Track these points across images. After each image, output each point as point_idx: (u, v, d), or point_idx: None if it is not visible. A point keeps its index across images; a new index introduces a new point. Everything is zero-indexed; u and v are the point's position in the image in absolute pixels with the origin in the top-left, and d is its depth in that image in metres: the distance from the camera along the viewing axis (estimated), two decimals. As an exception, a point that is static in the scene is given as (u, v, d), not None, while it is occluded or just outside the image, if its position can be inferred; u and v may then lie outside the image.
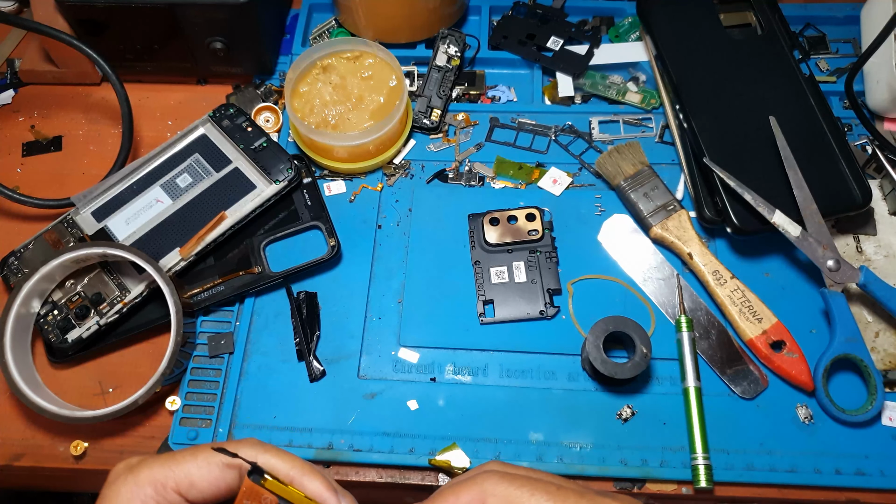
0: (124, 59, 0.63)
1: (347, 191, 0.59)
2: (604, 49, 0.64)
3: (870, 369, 0.48)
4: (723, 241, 0.55)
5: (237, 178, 0.56)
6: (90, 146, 0.63)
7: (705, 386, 0.49)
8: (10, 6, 0.70)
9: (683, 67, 0.58)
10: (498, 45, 0.65)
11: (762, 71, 0.57)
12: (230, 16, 0.58)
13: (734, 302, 0.51)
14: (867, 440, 0.48)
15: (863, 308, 0.52)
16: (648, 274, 0.54)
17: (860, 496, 0.46)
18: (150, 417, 0.51)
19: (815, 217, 0.50)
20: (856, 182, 0.53)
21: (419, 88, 0.62)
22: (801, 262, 0.54)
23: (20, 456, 0.50)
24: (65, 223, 0.55)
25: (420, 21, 0.63)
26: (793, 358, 0.49)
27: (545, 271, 0.53)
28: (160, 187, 0.56)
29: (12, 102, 0.66)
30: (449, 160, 0.60)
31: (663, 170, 0.58)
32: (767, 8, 0.60)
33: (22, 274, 0.54)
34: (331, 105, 0.59)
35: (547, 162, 0.59)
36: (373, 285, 0.54)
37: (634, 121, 0.61)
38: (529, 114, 0.62)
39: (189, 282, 0.54)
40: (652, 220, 0.54)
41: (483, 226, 0.55)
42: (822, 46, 0.65)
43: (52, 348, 0.52)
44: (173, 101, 0.65)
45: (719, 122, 0.55)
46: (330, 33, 0.67)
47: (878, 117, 0.60)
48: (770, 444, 0.48)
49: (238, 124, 0.58)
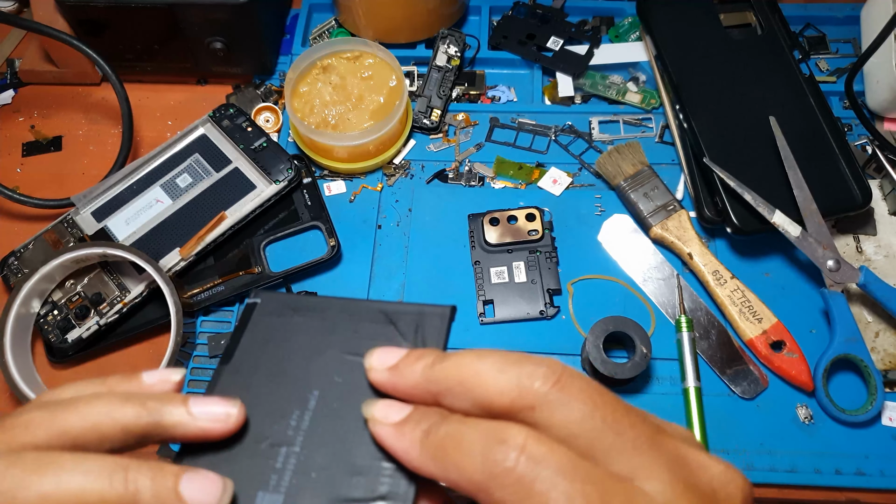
0: (124, 59, 0.63)
1: (347, 191, 0.59)
2: (604, 49, 0.64)
3: (870, 369, 0.48)
4: (723, 241, 0.55)
5: (237, 178, 0.56)
6: (90, 146, 0.63)
7: (705, 386, 0.49)
8: (10, 6, 0.69)
9: (683, 67, 0.58)
10: (498, 45, 0.65)
11: (762, 71, 0.57)
12: (230, 16, 0.58)
13: (734, 302, 0.51)
14: (867, 440, 0.48)
15: (863, 308, 0.52)
16: (648, 274, 0.54)
17: (860, 496, 0.46)
18: (150, 417, 0.51)
19: (815, 217, 0.50)
20: (856, 182, 0.53)
21: (419, 88, 0.62)
22: (801, 262, 0.54)
23: (20, 456, 0.50)
24: (65, 223, 0.55)
25: (420, 21, 0.63)
26: (793, 358, 0.49)
27: (545, 271, 0.53)
28: (160, 187, 0.56)
29: (12, 102, 0.66)
30: (449, 160, 0.60)
31: (663, 170, 0.58)
32: (767, 8, 0.60)
33: (22, 274, 0.54)
34: (331, 105, 0.59)
35: (547, 162, 0.59)
36: (373, 285, 0.54)
37: (634, 121, 0.61)
38: (529, 114, 0.62)
39: (189, 282, 0.54)
40: (652, 220, 0.54)
41: (483, 226, 0.55)
42: (822, 46, 0.65)
43: (52, 348, 0.52)
44: (173, 101, 0.65)
45: (719, 122, 0.55)
46: (330, 33, 0.67)
47: (878, 117, 0.60)
48: (770, 444, 0.48)
49: (238, 124, 0.58)
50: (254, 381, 0.26)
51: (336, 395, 0.25)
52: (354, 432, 0.24)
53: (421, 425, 0.22)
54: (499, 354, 0.22)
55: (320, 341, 0.27)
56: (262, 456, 0.24)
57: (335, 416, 0.25)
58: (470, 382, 0.22)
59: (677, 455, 0.21)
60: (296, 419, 0.25)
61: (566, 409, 0.21)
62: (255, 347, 0.27)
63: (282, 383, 0.26)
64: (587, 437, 0.21)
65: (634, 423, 0.21)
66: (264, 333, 0.28)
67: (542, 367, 0.21)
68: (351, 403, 0.25)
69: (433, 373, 0.23)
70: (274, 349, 0.27)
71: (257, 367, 0.27)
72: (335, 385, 0.26)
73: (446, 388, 0.23)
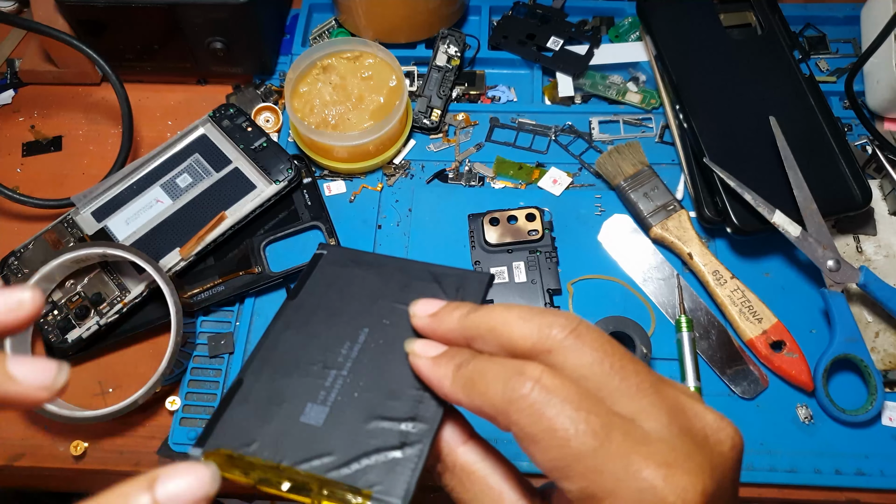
0: (124, 59, 0.63)
1: (347, 191, 0.59)
2: (604, 49, 0.64)
3: (870, 369, 0.48)
4: (723, 241, 0.55)
5: (237, 178, 0.56)
6: (90, 146, 0.63)
7: (705, 386, 0.49)
8: (10, 6, 0.70)
9: (683, 67, 0.58)
10: (498, 45, 0.65)
11: (762, 71, 0.57)
12: (230, 16, 0.58)
13: (734, 302, 0.51)
14: (867, 440, 0.48)
15: (863, 308, 0.52)
16: (648, 274, 0.54)
17: (860, 496, 0.46)
18: (150, 417, 0.51)
19: (815, 217, 0.50)
20: (856, 182, 0.53)
21: (419, 88, 0.62)
22: (801, 262, 0.54)
23: (20, 456, 0.50)
24: (65, 223, 0.55)
25: (420, 21, 0.63)
26: (793, 358, 0.49)
27: (545, 271, 0.53)
28: (160, 187, 0.56)
29: (12, 102, 0.66)
30: (449, 160, 0.60)
31: (663, 170, 0.58)
32: (767, 8, 0.60)
33: (22, 274, 0.53)
34: (331, 105, 0.59)
35: (547, 162, 0.59)
36: (373, 285, 0.54)
37: (634, 121, 0.61)
38: (529, 114, 0.62)
39: (189, 282, 0.54)
40: (652, 220, 0.54)
41: (483, 226, 0.55)
42: (822, 46, 0.65)
43: (52, 348, 0.52)
44: (173, 101, 0.65)
45: (719, 122, 0.55)
46: (330, 33, 0.67)
47: (878, 117, 0.60)
48: (770, 444, 0.48)
49: (238, 124, 0.58)
50: (314, 317, 0.31)
51: (383, 334, 0.29)
52: (395, 365, 0.28)
53: (455, 360, 0.26)
54: (525, 307, 0.25)
55: (374, 290, 0.31)
56: (314, 376, 0.28)
57: (380, 351, 0.29)
58: (498, 329, 0.25)
59: (675, 402, 0.24)
60: (346, 349, 0.29)
61: (579, 354, 0.24)
62: (317, 290, 0.32)
63: (337, 320, 0.30)
64: (595, 379, 0.23)
65: (639, 371, 0.24)
66: (327, 280, 0.32)
67: (560, 318, 0.24)
68: (395, 342, 0.29)
69: (467, 320, 0.26)
70: (334, 293, 0.32)
71: (318, 306, 0.31)
72: (383, 327, 0.30)
73: (478, 334, 0.26)
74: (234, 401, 0.28)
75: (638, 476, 0.21)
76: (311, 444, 0.26)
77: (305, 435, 0.27)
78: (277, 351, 0.30)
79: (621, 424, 0.22)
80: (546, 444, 0.22)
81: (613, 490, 0.22)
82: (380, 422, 0.27)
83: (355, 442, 0.26)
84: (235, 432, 0.27)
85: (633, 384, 0.23)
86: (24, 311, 0.23)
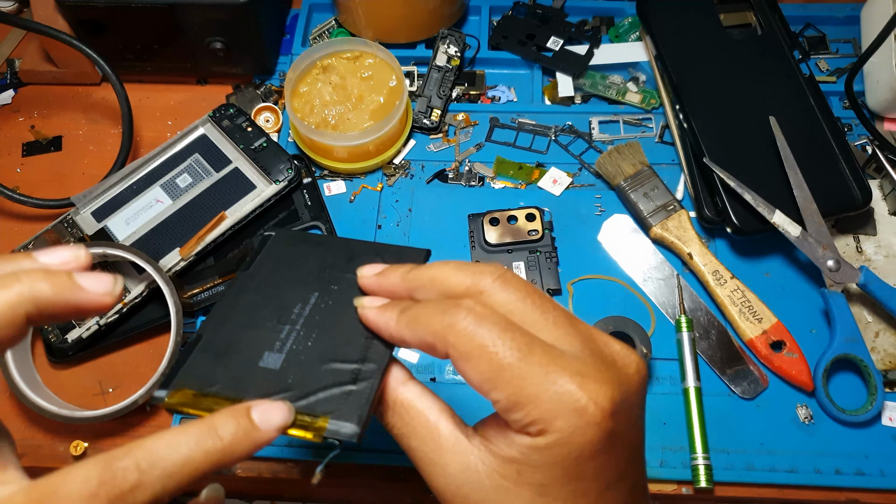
0: (124, 59, 0.63)
1: (347, 191, 0.59)
2: (604, 49, 0.64)
3: (870, 369, 0.48)
4: (723, 241, 0.55)
5: (237, 178, 0.56)
6: (90, 146, 0.63)
7: (705, 386, 0.49)
8: (10, 6, 0.70)
9: (683, 67, 0.58)
10: (498, 45, 0.65)
11: (762, 71, 0.57)
12: (230, 16, 0.58)
13: (734, 302, 0.51)
14: (867, 440, 0.48)
15: (863, 308, 0.52)
16: (648, 274, 0.54)
17: (860, 496, 0.46)
18: (150, 417, 0.51)
19: (815, 217, 0.50)
20: (856, 182, 0.53)
21: (419, 88, 0.62)
22: (801, 262, 0.54)
23: (20, 456, 0.49)
24: (65, 223, 0.55)
25: (420, 21, 0.63)
26: (793, 358, 0.49)
27: (545, 271, 0.53)
28: (160, 187, 0.56)
29: (12, 102, 0.66)
30: (449, 160, 0.60)
31: (663, 170, 0.58)
32: (767, 8, 0.60)
33: (22, 274, 0.53)
34: (331, 105, 0.59)
35: (547, 162, 0.59)
36: (373, 285, 0.54)
37: (634, 121, 0.61)
38: (529, 114, 0.62)
39: (189, 282, 0.54)
40: (652, 220, 0.54)
41: (483, 226, 0.55)
42: (822, 46, 0.65)
43: (52, 348, 0.52)
44: (173, 101, 0.65)
45: (719, 122, 0.55)
46: (330, 33, 0.67)
47: (878, 117, 0.60)
48: (770, 444, 0.48)
49: (238, 124, 0.58)
50: (266, 284, 0.34)
51: (332, 297, 0.33)
52: (344, 319, 0.32)
53: (399, 306, 0.30)
54: (458, 261, 0.30)
55: (322, 263, 0.35)
56: (269, 330, 0.32)
57: (330, 310, 0.32)
58: (437, 277, 0.29)
59: (588, 334, 0.28)
60: (298, 308, 0.32)
61: (505, 294, 0.28)
62: (269, 263, 0.35)
63: (289, 287, 0.34)
64: (519, 313, 0.28)
65: (556, 308, 0.28)
66: (277, 255, 0.36)
67: (490, 267, 0.29)
68: (343, 302, 0.32)
69: (409, 275, 0.31)
70: (284, 265, 0.35)
71: (270, 275, 0.35)
72: (331, 291, 0.33)
73: (419, 284, 0.30)
74: (195, 350, 0.31)
75: (556, 382, 0.25)
76: (270, 383, 0.29)
77: (264, 376, 0.30)
78: (234, 310, 0.33)
79: (541, 344, 0.26)
80: (477, 359, 0.26)
81: (536, 395, 0.25)
82: (333, 363, 0.30)
83: (312, 380, 0.29)
84: (198, 375, 0.30)
85: (550, 319, 0.28)
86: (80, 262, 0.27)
